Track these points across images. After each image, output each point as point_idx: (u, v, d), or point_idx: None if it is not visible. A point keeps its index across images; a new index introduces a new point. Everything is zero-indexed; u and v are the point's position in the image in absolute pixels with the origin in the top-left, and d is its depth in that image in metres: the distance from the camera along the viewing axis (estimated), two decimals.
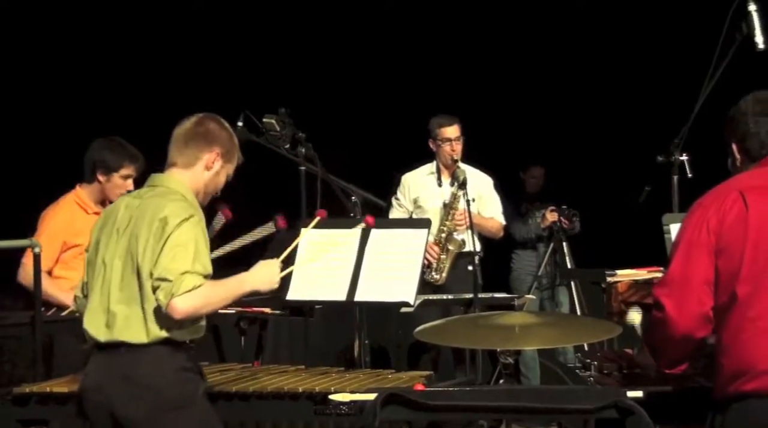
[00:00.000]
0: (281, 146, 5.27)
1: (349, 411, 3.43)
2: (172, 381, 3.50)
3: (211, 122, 3.75)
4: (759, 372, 2.87)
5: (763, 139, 3.10)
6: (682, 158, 4.90)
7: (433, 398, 3.10)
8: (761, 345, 2.88)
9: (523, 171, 8.14)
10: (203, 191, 3.72)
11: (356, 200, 5.19)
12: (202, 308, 3.47)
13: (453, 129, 6.38)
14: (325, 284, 4.39)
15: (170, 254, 3.43)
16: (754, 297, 2.90)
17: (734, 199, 2.98)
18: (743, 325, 2.92)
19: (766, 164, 3.11)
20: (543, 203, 7.84)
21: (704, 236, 2.98)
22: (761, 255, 2.91)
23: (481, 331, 3.55)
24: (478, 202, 6.31)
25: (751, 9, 4.47)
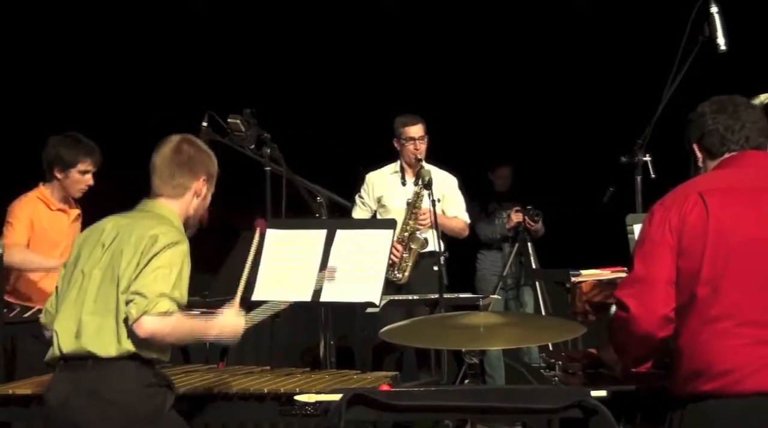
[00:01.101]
0: (246, 146, 5.26)
1: (314, 412, 3.43)
2: (140, 397, 3.47)
3: (190, 147, 3.74)
4: (716, 373, 2.90)
5: (722, 134, 3.13)
6: (646, 158, 4.93)
7: (399, 398, 3.10)
8: (718, 346, 2.91)
9: (491, 171, 8.16)
10: (193, 215, 3.76)
11: (321, 201, 5.19)
12: (166, 336, 3.46)
13: (417, 128, 6.38)
14: (291, 284, 4.39)
15: (153, 273, 3.44)
16: (713, 299, 2.92)
17: (695, 201, 3.00)
18: (701, 326, 2.94)
19: (726, 164, 3.13)
20: (510, 203, 7.86)
21: (667, 237, 3.00)
22: (720, 257, 2.93)
23: (446, 331, 3.56)
24: (443, 202, 6.32)
25: (713, 11, 4.50)
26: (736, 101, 3.17)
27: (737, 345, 2.89)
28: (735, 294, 2.91)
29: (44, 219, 5.42)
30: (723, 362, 2.89)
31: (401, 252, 6.21)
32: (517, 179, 8.11)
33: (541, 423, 3.29)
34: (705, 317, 2.93)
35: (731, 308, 2.91)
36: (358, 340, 6.60)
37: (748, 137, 3.11)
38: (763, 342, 2.88)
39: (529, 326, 3.87)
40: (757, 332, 2.89)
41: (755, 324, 2.90)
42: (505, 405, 3.08)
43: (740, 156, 3.12)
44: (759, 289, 2.91)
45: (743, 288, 2.91)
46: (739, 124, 3.12)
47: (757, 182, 3.05)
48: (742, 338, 2.89)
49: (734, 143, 3.12)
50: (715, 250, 2.94)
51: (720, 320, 2.91)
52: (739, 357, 2.88)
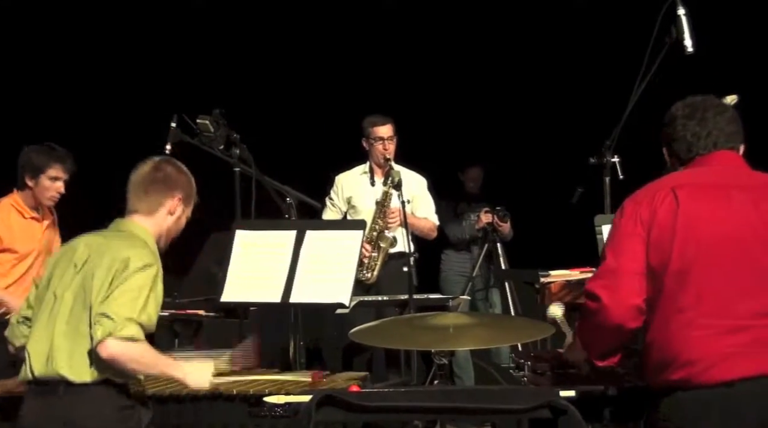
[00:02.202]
0: (215, 147, 5.24)
1: (284, 413, 3.42)
2: (113, 421, 3.45)
3: (168, 166, 3.75)
4: (681, 363, 2.95)
5: (689, 141, 3.17)
6: (614, 159, 4.96)
7: (369, 399, 3.11)
8: (684, 337, 2.95)
9: (461, 171, 8.18)
10: (165, 235, 3.73)
11: (291, 202, 5.18)
12: (129, 362, 3.42)
13: (386, 128, 6.38)
14: (260, 285, 4.38)
15: (122, 297, 3.41)
16: (681, 290, 2.97)
17: (665, 194, 3.06)
18: (669, 317, 2.99)
19: (697, 164, 3.16)
20: (480, 203, 7.88)
21: (638, 229, 3.05)
22: (689, 250, 2.98)
23: (415, 332, 3.57)
24: (412, 203, 6.33)
25: (680, 13, 4.54)
26: (706, 105, 3.21)
27: (702, 335, 2.94)
28: (702, 286, 2.96)
29: (16, 226, 5.37)
30: (689, 352, 2.94)
31: (370, 252, 6.21)
32: (488, 179, 8.12)
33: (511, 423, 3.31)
34: (672, 308, 2.98)
35: (697, 300, 2.96)
36: (328, 341, 6.59)
37: (715, 143, 3.16)
38: (727, 333, 2.93)
39: (499, 326, 3.89)
40: (721, 323, 2.94)
41: (720, 315, 2.95)
42: (475, 406, 3.09)
43: (710, 156, 3.16)
44: (725, 281, 2.96)
45: (710, 280, 2.96)
46: (706, 131, 3.16)
47: (727, 179, 3.10)
48: (707, 329, 2.94)
49: (702, 149, 3.16)
50: (683, 243, 2.98)
51: (686, 311, 2.96)
52: (704, 348, 2.93)
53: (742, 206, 3.03)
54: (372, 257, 6.23)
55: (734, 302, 2.95)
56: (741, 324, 2.93)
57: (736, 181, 3.10)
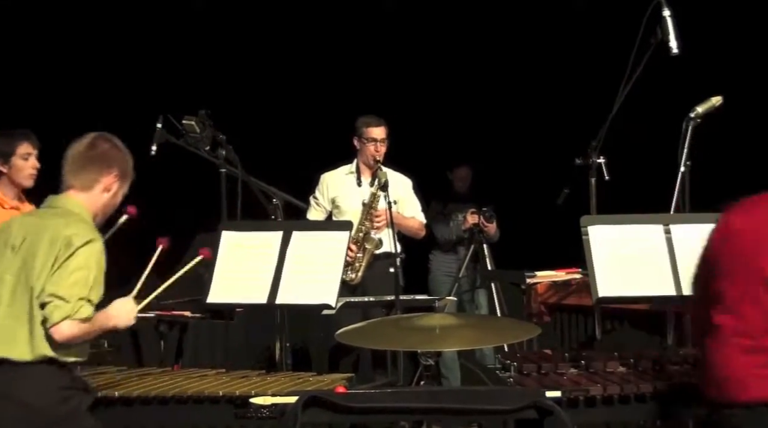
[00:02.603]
0: (201, 148, 5.23)
1: (270, 414, 3.42)
2: (55, 400, 3.46)
3: (105, 143, 3.72)
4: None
5: None
6: (600, 160, 4.97)
7: (355, 400, 3.11)
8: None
9: (450, 171, 8.18)
10: (101, 212, 3.71)
11: (277, 202, 5.18)
12: (80, 338, 3.47)
13: (380, 130, 6.37)
14: (246, 287, 4.37)
15: (71, 276, 3.42)
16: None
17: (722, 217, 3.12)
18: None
19: None
20: (469, 203, 7.87)
21: None
22: None
23: (402, 333, 3.57)
24: (399, 204, 6.32)
25: (666, 14, 4.55)
26: None
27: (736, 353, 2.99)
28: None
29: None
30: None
31: (356, 252, 6.21)
32: (477, 179, 8.12)
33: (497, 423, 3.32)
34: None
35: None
36: (314, 342, 6.59)
37: None
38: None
39: (485, 327, 3.89)
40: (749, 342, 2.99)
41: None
42: (461, 407, 3.09)
43: None
44: None
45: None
46: None
47: None
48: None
49: None
50: None
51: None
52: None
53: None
54: (357, 258, 6.22)
55: None
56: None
57: None
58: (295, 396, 3.11)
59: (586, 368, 3.81)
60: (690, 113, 4.66)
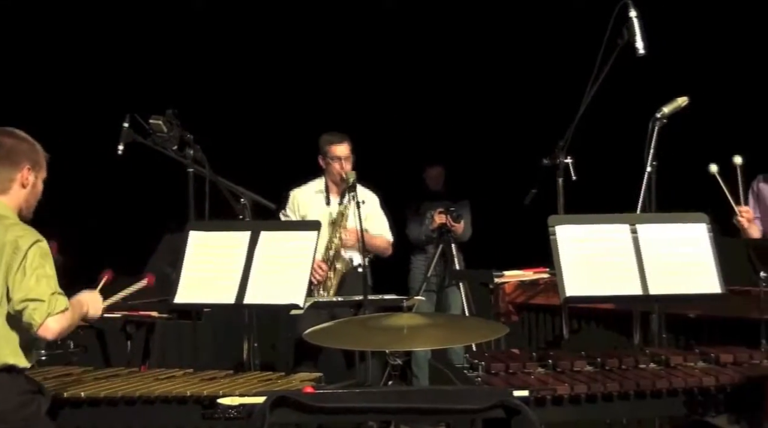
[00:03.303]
0: (169, 147, 5.20)
1: (237, 415, 3.41)
2: (15, 406, 3.47)
3: (7, 139, 3.69)
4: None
5: None
6: (567, 160, 4.99)
7: (323, 400, 3.10)
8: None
9: (423, 170, 8.19)
10: (26, 206, 3.71)
11: (245, 202, 5.16)
12: (67, 329, 3.52)
13: (343, 147, 6.31)
14: (214, 287, 4.36)
15: (33, 276, 3.45)
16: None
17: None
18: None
19: None
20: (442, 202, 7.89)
21: None
22: None
23: (370, 333, 3.57)
24: (367, 220, 6.27)
25: (632, 15, 4.57)
26: None
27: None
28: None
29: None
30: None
31: (326, 271, 6.18)
32: (451, 179, 8.14)
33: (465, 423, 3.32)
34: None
35: None
36: (282, 342, 6.57)
37: None
38: None
39: (453, 327, 3.90)
40: None
41: None
42: (429, 406, 3.09)
43: None
44: None
45: None
46: None
47: None
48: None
49: None
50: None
51: None
52: None
53: None
54: (329, 277, 6.20)
55: None
56: None
57: None
58: (263, 397, 3.09)
59: (553, 367, 3.83)
60: (656, 114, 4.69)
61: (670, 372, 3.74)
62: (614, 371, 3.78)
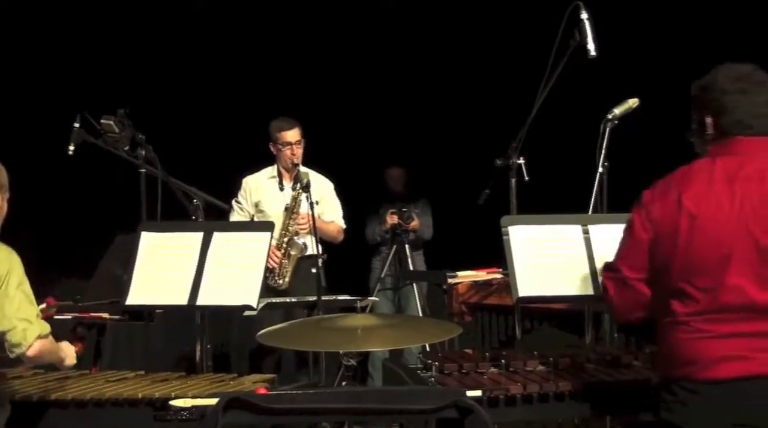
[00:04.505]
0: (120, 148, 5.16)
1: (190, 417, 3.39)
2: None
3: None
4: (684, 362, 3.07)
5: (740, 118, 3.11)
6: (520, 161, 5.02)
7: (276, 401, 3.09)
8: (686, 339, 3.08)
9: (384, 172, 8.20)
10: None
11: (198, 203, 5.13)
12: (47, 356, 3.60)
13: (293, 133, 6.33)
14: (166, 288, 4.33)
15: (17, 297, 3.48)
16: (683, 295, 3.07)
17: (674, 199, 3.09)
18: (672, 319, 3.10)
19: (724, 150, 3.13)
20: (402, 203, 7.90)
21: (648, 230, 3.13)
22: (690, 260, 3.05)
23: (324, 334, 3.56)
24: (320, 205, 6.31)
25: (583, 17, 4.60)
26: (755, 80, 3.14)
27: (700, 338, 3.05)
28: (699, 293, 3.05)
29: None
30: (689, 353, 3.06)
31: (281, 258, 6.19)
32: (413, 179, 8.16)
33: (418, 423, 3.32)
34: (674, 311, 3.09)
35: (696, 307, 3.06)
36: (236, 343, 6.55)
37: (764, 123, 3.12)
38: (725, 337, 3.03)
39: (406, 327, 3.90)
40: (719, 327, 3.04)
41: (716, 321, 3.05)
42: (382, 407, 3.09)
43: (741, 142, 3.12)
44: (719, 290, 3.04)
45: (706, 289, 3.04)
46: (759, 110, 3.11)
47: (737, 177, 3.08)
48: (706, 332, 3.05)
49: (750, 127, 3.11)
50: (684, 249, 3.06)
51: (685, 316, 3.08)
52: (703, 350, 3.05)
53: (746, 210, 3.04)
54: (283, 263, 6.21)
55: (728, 310, 3.03)
56: (737, 329, 3.02)
57: (751, 175, 3.07)
58: (216, 398, 3.07)
59: (506, 367, 3.84)
60: (608, 115, 4.73)
61: (621, 372, 3.77)
62: (566, 370, 3.80)
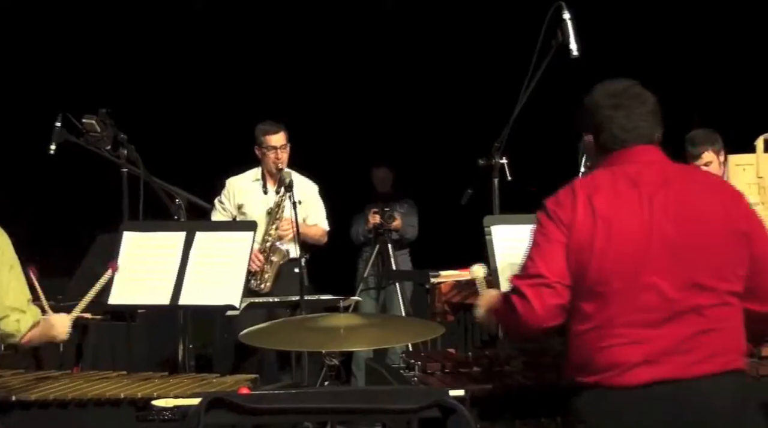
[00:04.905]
0: (102, 147, 5.15)
1: (172, 417, 3.38)
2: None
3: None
4: (597, 368, 3.04)
5: (615, 133, 3.16)
6: (502, 161, 5.02)
7: (258, 401, 3.08)
8: (601, 345, 3.03)
9: (370, 172, 8.21)
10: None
11: (180, 203, 5.12)
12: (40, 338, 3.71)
13: (278, 137, 6.31)
14: (148, 288, 4.32)
15: (8, 284, 3.58)
16: (598, 300, 3.04)
17: (583, 201, 3.08)
18: (587, 325, 3.06)
19: (615, 161, 3.17)
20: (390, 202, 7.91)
21: (561, 234, 3.08)
22: (605, 265, 3.02)
23: (306, 333, 3.56)
24: (303, 206, 6.29)
25: (566, 17, 4.61)
26: (630, 95, 3.21)
27: (616, 344, 3.01)
28: (616, 297, 3.02)
29: None
30: (603, 359, 3.03)
31: (263, 263, 6.17)
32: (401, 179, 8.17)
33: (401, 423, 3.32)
34: (589, 316, 3.05)
35: (612, 310, 3.02)
36: (218, 343, 6.54)
37: (640, 135, 3.17)
38: (638, 342, 3.00)
39: (389, 327, 3.90)
40: (633, 332, 3.01)
41: (632, 325, 3.01)
42: (364, 406, 3.09)
43: (629, 152, 3.16)
44: (637, 292, 3.01)
45: (623, 291, 3.02)
46: (632, 124, 3.16)
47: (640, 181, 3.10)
48: (620, 338, 3.01)
49: (626, 142, 3.16)
50: (600, 256, 3.03)
51: (601, 321, 3.04)
52: (617, 356, 3.01)
53: (656, 211, 3.05)
54: (265, 268, 6.19)
55: (644, 312, 3.01)
56: (650, 334, 3.01)
57: (653, 180, 3.11)
58: (198, 398, 3.06)
59: (489, 367, 3.84)
60: None
61: None
62: (549, 369, 3.81)
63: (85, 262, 5.44)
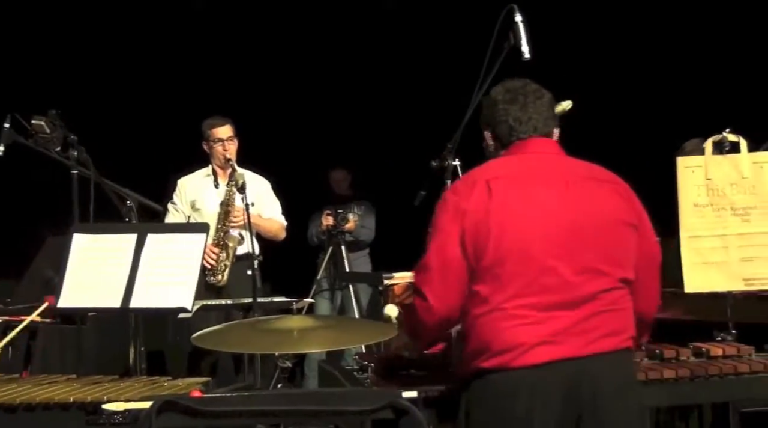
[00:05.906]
0: (51, 148, 5.09)
1: (123, 421, 3.36)
2: None
3: None
4: (496, 351, 3.11)
5: (511, 125, 3.31)
6: (455, 163, 5.04)
7: (210, 404, 3.07)
8: (499, 327, 3.12)
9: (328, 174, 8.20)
10: None
11: (131, 204, 5.08)
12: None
13: (225, 129, 6.39)
14: (99, 290, 4.27)
15: None
16: (494, 283, 3.12)
17: (481, 187, 3.18)
18: (484, 308, 3.14)
19: (513, 151, 3.31)
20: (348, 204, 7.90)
21: (457, 223, 3.17)
22: (503, 245, 3.11)
23: (259, 335, 3.55)
24: (257, 205, 6.30)
25: (518, 20, 4.64)
26: (527, 91, 3.36)
27: (514, 325, 3.10)
28: (513, 279, 3.11)
29: None
30: (502, 341, 3.11)
31: (218, 254, 6.18)
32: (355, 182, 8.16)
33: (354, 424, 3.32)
34: (486, 300, 3.14)
35: (509, 292, 3.11)
36: (171, 346, 6.50)
37: (535, 127, 3.32)
38: (536, 323, 3.10)
39: (343, 329, 3.90)
40: (531, 314, 3.10)
41: (530, 307, 3.10)
42: (317, 408, 3.09)
43: (528, 142, 3.31)
44: (534, 275, 3.11)
45: (520, 274, 3.11)
46: (527, 116, 3.31)
47: (542, 167, 3.25)
48: (519, 319, 3.10)
49: (522, 133, 3.31)
50: (498, 238, 3.12)
51: (499, 302, 3.12)
52: (516, 337, 3.10)
53: (553, 198, 3.17)
54: (220, 259, 6.20)
55: (543, 294, 3.10)
56: (548, 315, 3.10)
57: (550, 169, 3.25)
58: (149, 401, 3.04)
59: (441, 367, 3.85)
60: None
61: None
62: None
63: (33, 264, 5.38)
